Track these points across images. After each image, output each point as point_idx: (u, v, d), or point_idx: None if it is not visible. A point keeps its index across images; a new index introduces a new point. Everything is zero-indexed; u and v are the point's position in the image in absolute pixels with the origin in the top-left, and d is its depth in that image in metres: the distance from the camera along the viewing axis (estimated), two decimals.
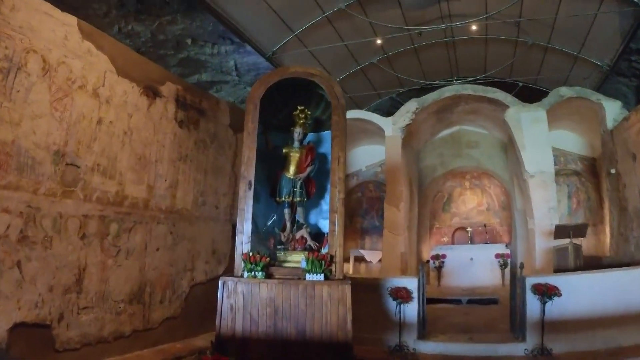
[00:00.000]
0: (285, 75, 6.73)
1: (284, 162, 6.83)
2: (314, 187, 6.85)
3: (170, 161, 7.54)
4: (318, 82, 6.56)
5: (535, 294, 6.77)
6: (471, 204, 14.17)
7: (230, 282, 5.89)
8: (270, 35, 12.13)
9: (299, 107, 6.84)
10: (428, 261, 12.63)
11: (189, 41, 12.06)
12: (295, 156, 6.80)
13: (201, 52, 12.57)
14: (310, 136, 7.16)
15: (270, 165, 6.84)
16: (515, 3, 11.24)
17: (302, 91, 6.85)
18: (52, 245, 5.60)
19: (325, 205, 6.89)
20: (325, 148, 7.01)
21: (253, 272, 5.88)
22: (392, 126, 11.43)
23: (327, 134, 6.82)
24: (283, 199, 6.67)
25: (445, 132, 13.56)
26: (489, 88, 11.15)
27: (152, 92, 7.30)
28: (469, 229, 13.31)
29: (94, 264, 6.17)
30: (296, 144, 6.86)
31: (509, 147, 12.61)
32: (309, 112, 6.92)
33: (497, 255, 12.16)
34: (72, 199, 5.91)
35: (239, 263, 6.05)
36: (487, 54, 14.35)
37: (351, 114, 11.37)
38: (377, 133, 12.04)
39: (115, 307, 6.44)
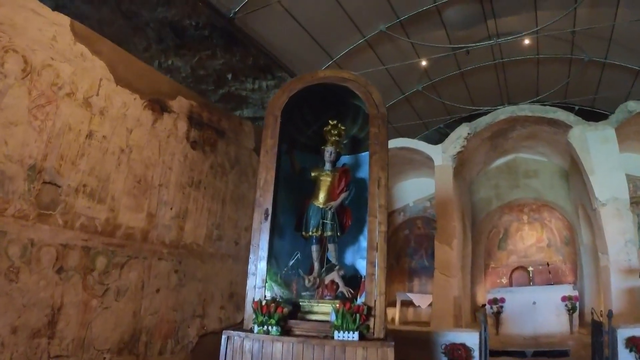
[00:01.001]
0: (312, 81, 5.36)
1: (313, 188, 5.40)
2: (349, 219, 5.36)
3: (179, 186, 6.21)
4: (352, 88, 5.17)
5: (631, 350, 5.25)
6: (530, 240, 12.25)
7: (236, 337, 4.44)
8: (309, 64, 11.09)
9: (331, 122, 5.45)
10: (484, 305, 10.79)
11: (229, 76, 11.42)
12: (326, 181, 5.36)
13: (242, 88, 11.88)
14: (346, 159, 5.76)
15: (297, 193, 5.47)
16: (569, 14, 9.88)
17: (336, 104, 5.52)
18: (19, 278, 4.46)
19: (364, 241, 5.36)
20: (364, 172, 5.54)
21: (266, 326, 4.39)
22: (441, 155, 9.87)
23: (365, 156, 5.31)
24: (310, 232, 5.20)
25: (500, 161, 11.89)
26: (548, 107, 9.61)
27: (159, 107, 6.08)
28: (530, 268, 11.37)
29: (73, 304, 4.90)
30: (327, 166, 5.43)
31: (572, 175, 10.85)
32: (342, 128, 5.52)
33: (564, 298, 10.20)
34: (48, 225, 4.76)
35: (249, 313, 4.58)
36: (540, 75, 12.88)
37: (396, 142, 10.31)
38: (425, 164, 10.54)
39: (98, 358, 5.06)
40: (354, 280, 5.17)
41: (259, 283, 4.69)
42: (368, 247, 4.52)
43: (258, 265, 4.72)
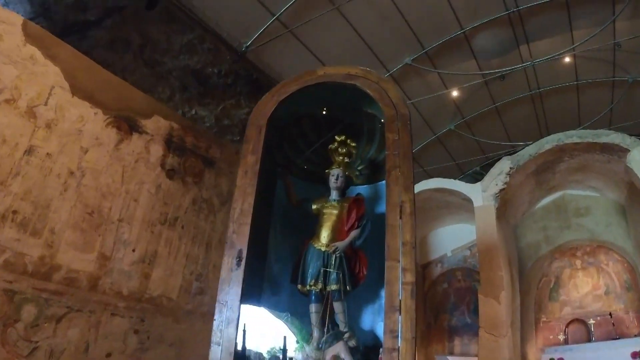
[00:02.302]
0: (310, 81, 3.96)
1: (314, 225, 3.90)
2: (364, 267, 3.80)
3: (146, 223, 4.75)
4: (362, 86, 3.73)
5: None
6: (585, 287, 10.07)
7: None
8: None
9: (337, 138, 3.99)
10: None
11: None
12: (330, 214, 3.87)
13: None
14: (361, 190, 4.27)
15: (298, 234, 4.00)
16: (607, 30, 8.58)
17: (345, 118, 4.13)
18: None
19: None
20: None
21: None
22: (481, 194, 8.12)
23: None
24: (307, 286, 3.65)
25: (547, 200, 10.01)
26: (600, 131, 7.93)
27: (126, 125, 4.78)
28: (591, 321, 9.23)
29: None
30: (334, 194, 3.95)
31: (631, 209, 8.97)
32: (353, 145, 4.04)
33: (635, 354, 8.05)
34: None
35: None
36: (580, 103, 11.41)
37: (429, 183, 8.91)
38: (463, 206, 8.83)
39: None
40: (373, 354, 3.54)
41: (224, 357, 3.08)
42: (386, 308, 2.90)
43: (224, 332, 3.13)
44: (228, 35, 9.24)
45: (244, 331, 3.24)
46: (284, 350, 3.21)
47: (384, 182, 4.11)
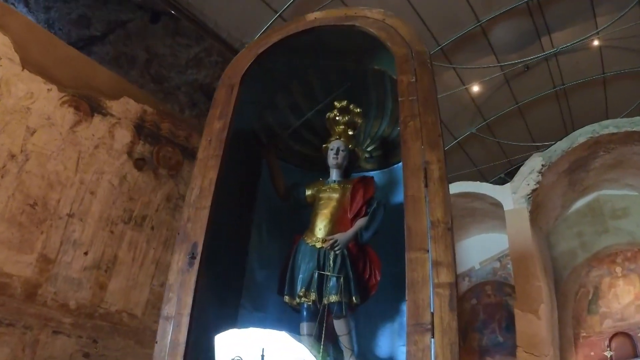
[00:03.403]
0: (295, 28, 2.92)
1: (307, 218, 2.82)
2: (377, 271, 2.67)
3: (104, 221, 3.71)
4: (363, 27, 2.70)
5: None
6: (627, 297, 8.62)
7: None
8: None
9: (337, 104, 2.94)
10: None
11: None
12: (329, 199, 2.78)
13: None
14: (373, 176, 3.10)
15: (289, 234, 2.89)
16: (635, 14, 7.37)
17: (351, 84, 3.04)
18: None
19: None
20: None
21: None
22: (512, 196, 6.94)
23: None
24: (297, 298, 2.57)
25: (581, 202, 8.72)
26: (638, 118, 6.72)
27: (87, 105, 3.82)
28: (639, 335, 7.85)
29: None
30: (334, 174, 2.88)
31: None
32: (358, 111, 2.97)
33: None
34: None
35: None
36: (607, 97, 10.30)
37: (452, 188, 7.52)
38: (491, 213, 7.70)
39: None
40: None
41: None
42: (409, 327, 1.78)
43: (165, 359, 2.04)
44: (229, 35, 8.41)
45: (262, 356, 2.11)
46: None
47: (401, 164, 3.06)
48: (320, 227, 2.62)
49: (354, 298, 2.46)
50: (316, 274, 2.46)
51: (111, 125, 3.90)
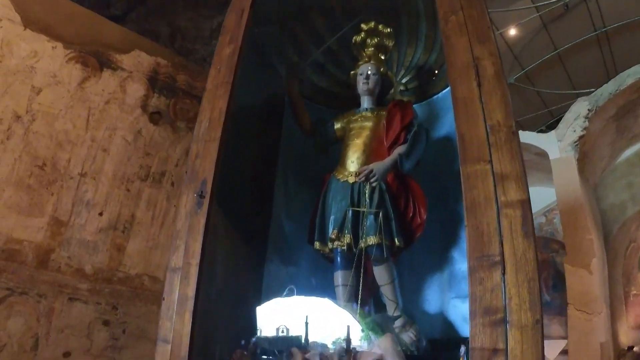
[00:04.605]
0: None
1: (337, 154, 2.41)
2: (423, 208, 2.20)
3: (119, 179, 3.33)
4: None
5: None
6: None
7: None
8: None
9: (364, 26, 2.51)
10: (631, 348, 6.79)
11: None
12: (362, 128, 2.36)
13: None
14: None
15: (315, 182, 2.48)
16: None
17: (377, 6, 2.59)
18: None
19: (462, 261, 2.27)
20: (449, 125, 2.50)
21: None
22: (557, 144, 6.29)
23: (447, 97, 2.01)
24: (329, 243, 2.16)
25: (630, 151, 7.94)
26: None
27: (95, 61, 3.44)
28: None
29: None
30: (365, 103, 2.46)
31: None
32: (388, 31, 2.51)
33: None
34: None
35: None
36: None
37: None
38: (535, 165, 7.04)
39: None
40: (446, 354, 1.99)
41: (179, 356, 1.65)
42: (470, 261, 1.34)
43: (176, 320, 1.69)
44: None
45: (307, 323, 1.75)
46: (348, 341, 1.78)
47: (443, 93, 2.61)
48: (353, 160, 2.19)
49: (396, 240, 2.03)
50: (350, 211, 2.04)
51: (122, 80, 3.51)
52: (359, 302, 1.92)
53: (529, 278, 1.25)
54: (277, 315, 1.87)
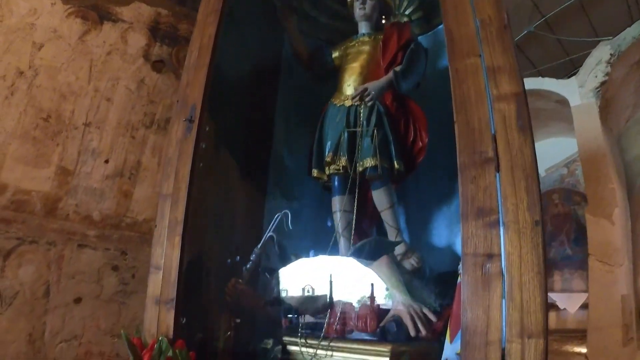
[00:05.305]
0: None
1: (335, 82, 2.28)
2: (424, 131, 2.07)
3: (124, 127, 3.29)
4: None
5: None
6: None
7: None
8: None
9: None
10: None
11: None
12: (359, 53, 2.24)
13: None
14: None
15: (314, 114, 2.32)
16: None
17: None
18: None
19: None
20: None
21: None
22: (578, 90, 5.99)
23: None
24: (327, 167, 2.08)
25: None
26: None
27: (95, 14, 3.38)
28: None
29: None
30: (363, 28, 2.33)
31: None
32: None
33: None
34: None
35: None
36: None
37: None
38: (556, 114, 6.79)
39: None
40: (451, 282, 1.87)
41: (168, 293, 1.61)
42: (462, 160, 1.26)
43: (167, 246, 1.64)
44: None
45: (331, 282, 1.71)
46: (372, 298, 1.72)
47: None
48: (349, 83, 2.09)
49: (395, 163, 1.93)
50: (345, 133, 1.95)
51: (123, 31, 3.43)
52: (357, 229, 1.85)
53: (526, 175, 1.15)
54: (302, 276, 1.82)
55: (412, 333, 1.59)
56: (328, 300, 1.69)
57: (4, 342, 2.63)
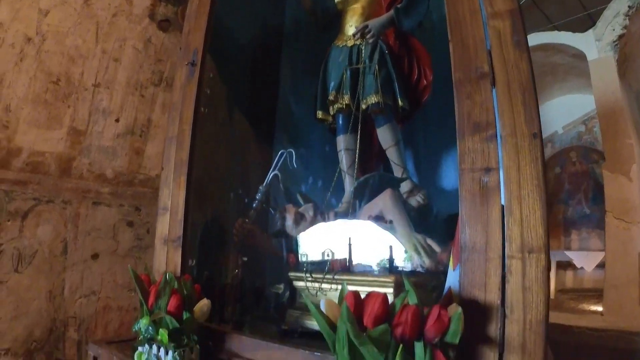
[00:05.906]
0: None
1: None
2: (428, 69, 2.03)
3: (133, 86, 3.33)
4: None
5: None
6: None
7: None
8: None
9: None
10: None
11: None
12: None
13: None
14: None
15: (319, 59, 2.26)
16: None
17: None
18: None
19: None
20: None
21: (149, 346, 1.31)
22: (596, 44, 5.80)
23: None
24: (331, 107, 2.07)
25: None
26: None
27: None
28: None
29: None
30: None
31: None
32: None
33: None
34: None
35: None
36: None
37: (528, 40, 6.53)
38: (573, 69, 6.60)
39: None
40: (452, 220, 1.86)
41: (176, 232, 1.66)
42: (457, 77, 1.24)
43: (173, 187, 1.68)
44: None
45: (350, 245, 1.73)
46: (391, 261, 1.74)
47: None
48: (351, 24, 2.06)
49: (399, 100, 1.91)
50: (348, 71, 1.94)
51: None
52: (362, 168, 1.86)
53: (523, 89, 1.13)
54: (322, 241, 1.84)
55: (425, 258, 1.61)
56: (347, 264, 1.71)
57: (25, 300, 2.74)
